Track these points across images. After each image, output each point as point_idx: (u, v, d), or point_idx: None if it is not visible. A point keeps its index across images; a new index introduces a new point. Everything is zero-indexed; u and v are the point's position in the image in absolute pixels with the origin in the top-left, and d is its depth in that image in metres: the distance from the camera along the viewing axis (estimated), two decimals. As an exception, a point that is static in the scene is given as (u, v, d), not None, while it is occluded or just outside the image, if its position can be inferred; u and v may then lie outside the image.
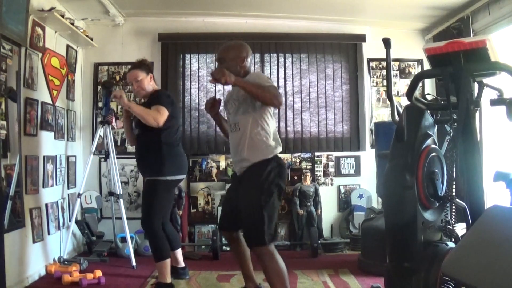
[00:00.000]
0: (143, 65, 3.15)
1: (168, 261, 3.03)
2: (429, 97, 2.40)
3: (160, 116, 2.91)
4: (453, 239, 2.20)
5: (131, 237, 3.93)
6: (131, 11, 4.46)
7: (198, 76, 4.68)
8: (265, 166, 2.43)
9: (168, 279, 3.02)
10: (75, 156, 4.38)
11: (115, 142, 4.45)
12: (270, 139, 2.49)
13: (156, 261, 3.01)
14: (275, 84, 4.65)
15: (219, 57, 2.59)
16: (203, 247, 4.49)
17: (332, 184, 4.78)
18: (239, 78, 2.40)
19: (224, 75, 2.33)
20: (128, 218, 3.93)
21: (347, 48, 4.80)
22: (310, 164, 4.75)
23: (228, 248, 4.34)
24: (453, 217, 2.32)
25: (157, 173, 3.00)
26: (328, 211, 4.68)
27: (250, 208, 2.41)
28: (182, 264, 3.38)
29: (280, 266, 2.37)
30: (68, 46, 4.20)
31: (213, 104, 2.67)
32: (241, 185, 2.51)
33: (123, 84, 4.63)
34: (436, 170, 2.25)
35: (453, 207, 2.32)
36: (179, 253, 3.36)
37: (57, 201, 3.87)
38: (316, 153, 4.76)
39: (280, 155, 2.54)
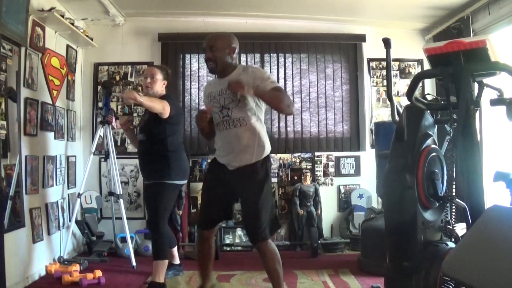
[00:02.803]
0: (164, 70, 3.26)
1: (166, 262, 3.08)
2: (429, 97, 2.40)
3: (167, 106, 2.96)
4: (453, 239, 2.20)
5: (131, 237, 3.92)
6: (131, 11, 4.46)
7: (198, 76, 4.68)
8: (265, 164, 2.49)
9: (162, 279, 3.03)
10: (75, 156, 4.38)
11: (115, 142, 4.45)
12: (266, 135, 2.55)
13: (154, 259, 3.04)
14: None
15: (210, 45, 2.48)
16: (203, 247, 4.48)
17: (332, 184, 4.78)
18: (258, 89, 2.37)
19: (242, 87, 2.29)
20: (128, 218, 3.93)
21: (347, 48, 4.80)
22: (310, 164, 4.75)
23: (228, 248, 4.35)
24: (453, 217, 2.32)
25: (164, 177, 3.05)
26: (328, 211, 4.68)
27: (254, 207, 2.44)
28: (178, 261, 3.51)
29: (278, 255, 2.50)
30: (68, 46, 4.20)
31: (202, 116, 2.50)
32: (242, 183, 2.48)
33: (123, 84, 4.63)
34: (436, 170, 2.24)
35: (453, 207, 2.31)
36: (175, 250, 3.50)
37: (57, 201, 3.87)
38: (316, 153, 4.76)
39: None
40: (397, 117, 2.31)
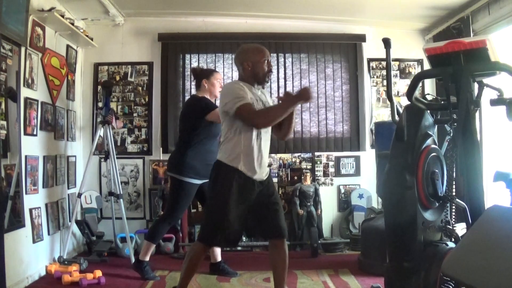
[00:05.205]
0: None
1: (153, 246, 3.43)
2: (429, 97, 2.40)
3: None
4: (453, 239, 2.20)
5: (131, 237, 3.93)
6: (131, 11, 4.46)
7: (198, 76, 4.68)
8: None
9: (147, 258, 3.39)
10: (75, 156, 4.38)
11: (115, 142, 4.44)
12: None
13: (146, 239, 3.39)
14: (275, 84, 4.69)
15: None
16: (203, 247, 4.48)
17: (332, 184, 4.77)
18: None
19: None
20: (128, 218, 3.94)
21: (347, 48, 4.80)
22: (310, 164, 4.74)
23: (228, 248, 4.34)
24: (453, 217, 2.32)
25: None
26: (328, 211, 4.68)
27: (281, 206, 2.68)
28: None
29: None
30: (68, 46, 4.20)
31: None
32: (272, 189, 2.64)
33: (123, 84, 4.63)
34: (436, 170, 2.25)
35: (453, 207, 2.32)
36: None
37: (57, 201, 3.87)
38: (316, 153, 4.76)
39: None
40: (397, 117, 2.31)
